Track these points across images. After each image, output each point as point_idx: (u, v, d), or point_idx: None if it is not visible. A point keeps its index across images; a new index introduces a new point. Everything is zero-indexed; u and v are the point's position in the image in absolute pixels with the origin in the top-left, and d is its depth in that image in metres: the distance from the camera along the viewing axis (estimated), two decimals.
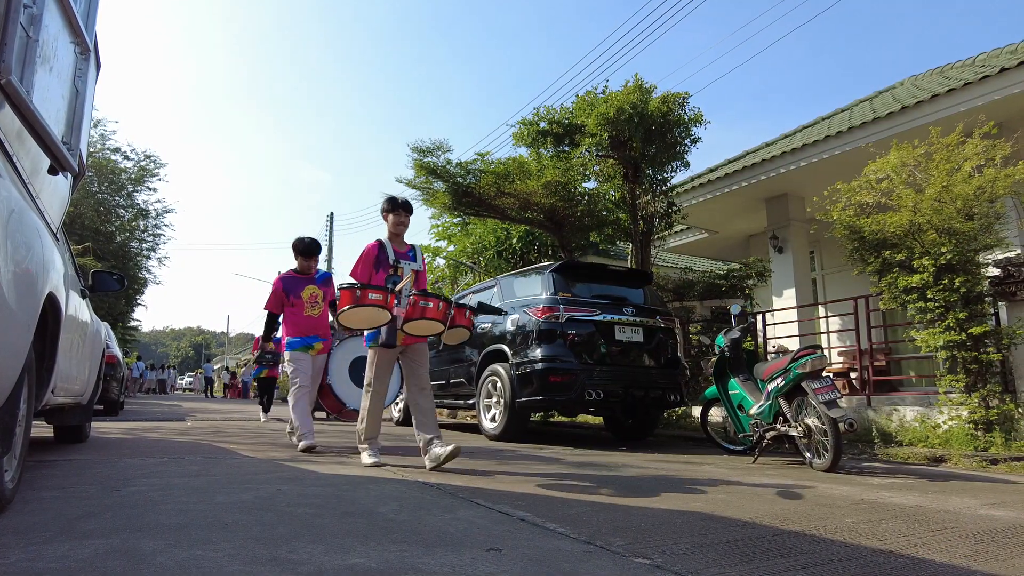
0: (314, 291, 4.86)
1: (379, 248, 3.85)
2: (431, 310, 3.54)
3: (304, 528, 1.98)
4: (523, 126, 9.28)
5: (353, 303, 3.32)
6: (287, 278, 4.87)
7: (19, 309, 1.80)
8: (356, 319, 3.44)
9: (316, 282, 4.91)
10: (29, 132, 1.80)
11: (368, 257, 3.81)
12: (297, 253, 4.93)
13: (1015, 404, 5.11)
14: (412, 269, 3.88)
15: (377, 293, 3.36)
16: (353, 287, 3.37)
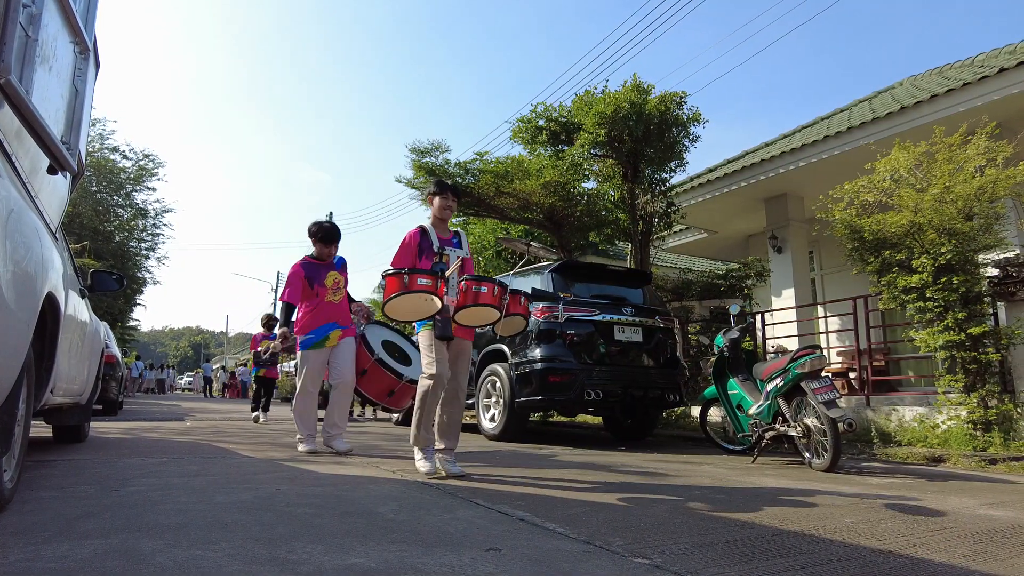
0: (336, 277, 4.57)
1: (421, 234, 3.53)
2: (485, 295, 3.24)
3: (303, 528, 1.98)
4: (521, 123, 9.27)
5: (400, 290, 3.03)
6: (308, 264, 4.52)
7: (18, 309, 1.79)
8: (403, 309, 3.15)
9: (336, 267, 4.62)
10: (28, 131, 1.80)
11: (410, 245, 3.51)
12: (315, 239, 4.59)
13: (1014, 404, 5.11)
14: (458, 256, 3.53)
15: (426, 278, 3.05)
16: (400, 273, 3.07)
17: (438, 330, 3.26)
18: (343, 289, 4.62)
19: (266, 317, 9.42)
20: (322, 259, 4.57)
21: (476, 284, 3.25)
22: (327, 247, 4.58)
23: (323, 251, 4.58)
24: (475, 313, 3.28)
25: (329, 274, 4.54)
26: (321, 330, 4.43)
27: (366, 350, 4.69)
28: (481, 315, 3.32)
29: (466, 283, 3.25)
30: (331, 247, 4.61)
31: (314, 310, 4.45)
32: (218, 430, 6.54)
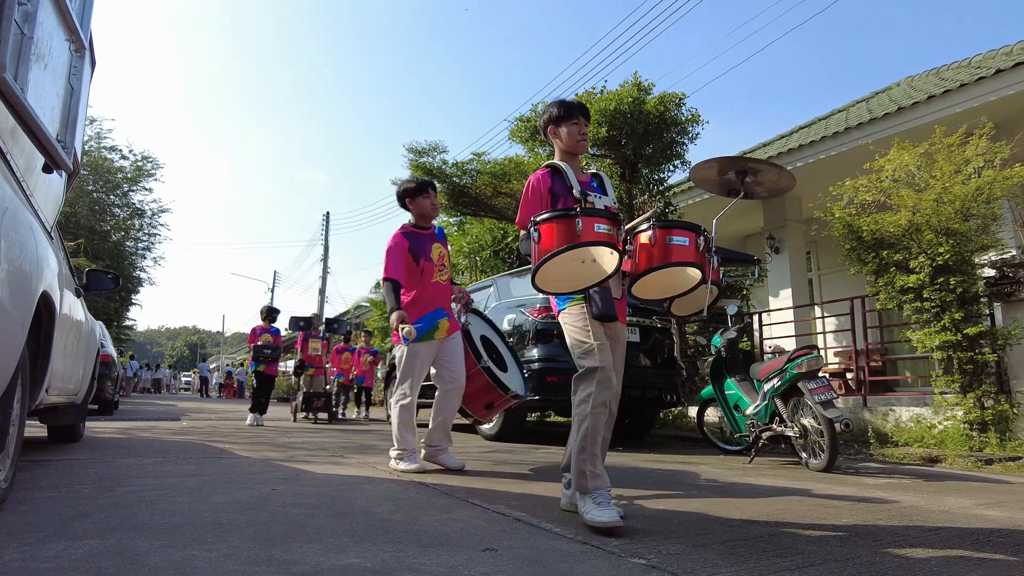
0: (441, 250, 3.75)
1: (552, 175, 2.46)
2: (684, 250, 2.23)
3: (299, 528, 1.97)
4: (520, 122, 9.27)
5: (567, 242, 2.05)
6: (412, 233, 3.65)
7: (13, 308, 1.78)
8: (563, 272, 2.18)
9: (439, 239, 3.79)
10: (23, 129, 1.79)
11: (538, 191, 2.43)
12: (412, 197, 3.66)
13: (1010, 404, 5.13)
14: (606, 205, 2.42)
15: (605, 223, 2.08)
16: (568, 215, 2.07)
17: (598, 307, 2.27)
18: (448, 267, 3.80)
19: (266, 309, 8.63)
20: (425, 227, 3.73)
21: (668, 233, 2.25)
22: (429, 199, 3.69)
23: (427, 208, 3.69)
24: (663, 280, 2.33)
25: (435, 246, 3.70)
26: (430, 317, 3.58)
27: (470, 351, 3.84)
28: (670, 282, 2.36)
29: (656, 233, 2.25)
30: (432, 197, 3.72)
31: (418, 292, 3.61)
32: (214, 430, 6.53)
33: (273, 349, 8.12)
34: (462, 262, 14.20)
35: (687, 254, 2.25)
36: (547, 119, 2.60)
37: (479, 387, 3.85)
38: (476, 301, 7.31)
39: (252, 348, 8.20)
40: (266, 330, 8.23)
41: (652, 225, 2.29)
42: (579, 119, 2.54)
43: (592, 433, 2.24)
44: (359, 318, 20.87)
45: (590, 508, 2.13)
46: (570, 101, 2.59)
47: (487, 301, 6.91)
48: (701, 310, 2.66)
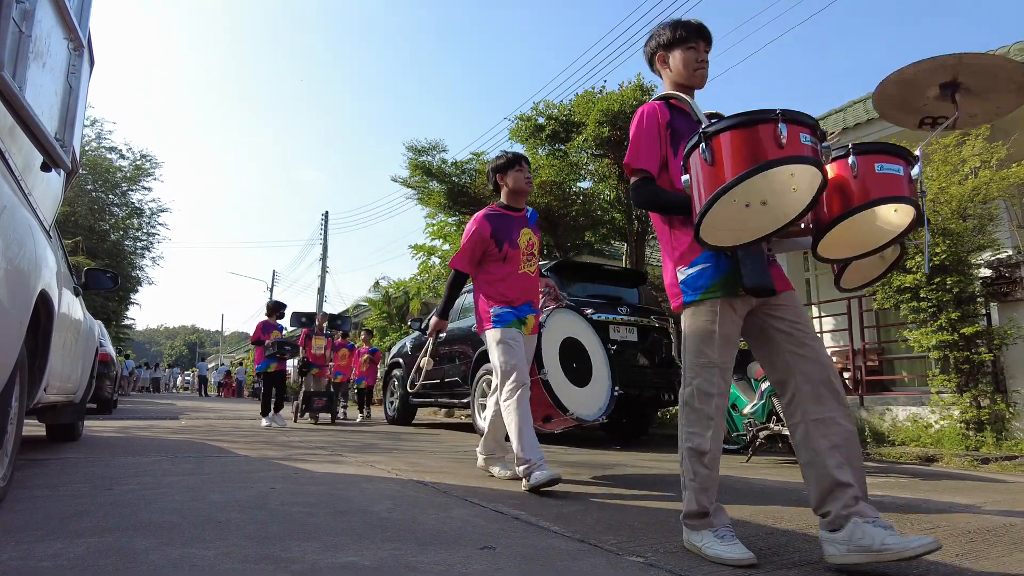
0: (531, 237, 3.25)
1: (671, 111, 1.97)
2: (897, 181, 1.67)
3: (298, 526, 1.97)
4: (521, 121, 9.27)
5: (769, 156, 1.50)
6: (497, 215, 3.18)
7: (11, 306, 1.79)
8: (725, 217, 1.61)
9: (531, 223, 3.30)
10: (21, 128, 1.79)
11: (654, 125, 1.93)
12: (503, 169, 3.22)
13: (1006, 404, 5.14)
14: None
15: (809, 132, 1.54)
16: (766, 116, 1.51)
17: (749, 276, 1.69)
18: (537, 256, 3.31)
19: (272, 304, 8.30)
20: (516, 208, 3.26)
21: (874, 159, 1.67)
22: (524, 172, 3.20)
23: (520, 184, 3.20)
24: (853, 232, 1.74)
25: (523, 232, 3.21)
26: (521, 310, 3.14)
27: (534, 359, 3.46)
28: (859, 235, 1.76)
29: (858, 161, 1.65)
30: (526, 171, 3.22)
31: (504, 285, 3.13)
32: (213, 429, 6.52)
33: (293, 346, 7.73)
34: None
35: (900, 187, 1.65)
36: (656, 44, 2.08)
37: (537, 397, 3.43)
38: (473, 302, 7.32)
39: (274, 344, 7.57)
40: (274, 326, 7.94)
41: (847, 149, 1.69)
42: (698, 43, 2.02)
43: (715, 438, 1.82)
44: (357, 318, 20.84)
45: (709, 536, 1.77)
46: (687, 21, 2.07)
47: None
48: (879, 277, 2.06)
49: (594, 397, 3.78)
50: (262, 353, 7.72)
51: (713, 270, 1.81)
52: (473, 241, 3.12)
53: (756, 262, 1.72)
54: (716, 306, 1.80)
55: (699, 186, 1.63)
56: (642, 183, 1.91)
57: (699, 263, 1.83)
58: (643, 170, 1.90)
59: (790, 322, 1.80)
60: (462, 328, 7.03)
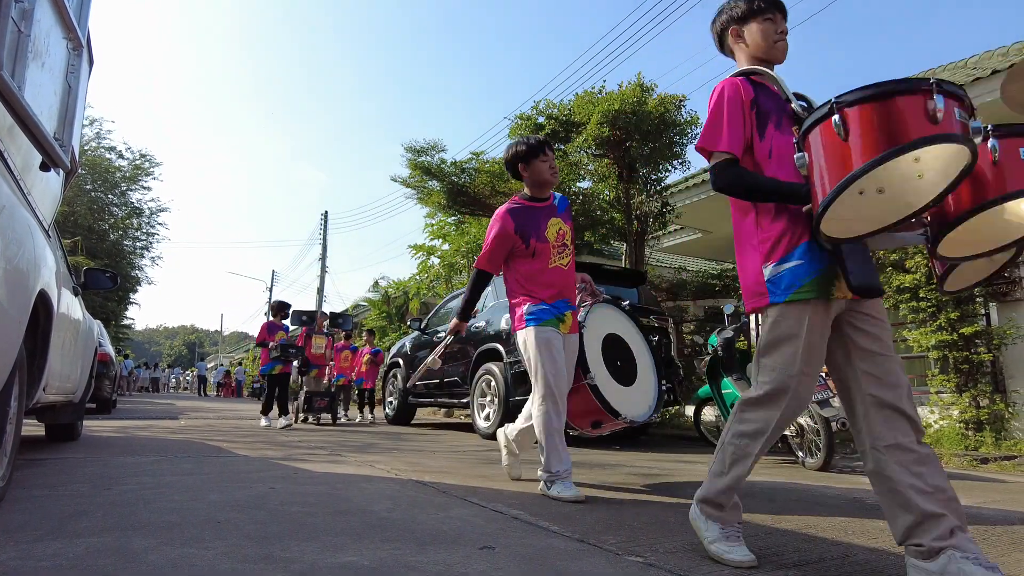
0: (561, 227, 2.98)
1: (755, 88, 1.76)
2: None
3: (297, 526, 1.97)
4: (521, 120, 9.25)
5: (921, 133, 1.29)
6: (520, 209, 2.93)
7: (10, 306, 1.79)
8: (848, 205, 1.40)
9: (559, 212, 3.02)
10: (20, 128, 1.79)
11: (737, 103, 1.74)
12: (524, 158, 2.93)
13: (1005, 404, 5.15)
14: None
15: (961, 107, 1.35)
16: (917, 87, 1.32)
17: (856, 274, 1.54)
18: (571, 247, 3.03)
19: (276, 304, 7.99)
20: (541, 198, 3.00)
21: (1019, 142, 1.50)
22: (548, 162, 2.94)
23: (544, 175, 2.94)
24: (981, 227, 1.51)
25: (551, 222, 2.95)
26: (557, 307, 2.88)
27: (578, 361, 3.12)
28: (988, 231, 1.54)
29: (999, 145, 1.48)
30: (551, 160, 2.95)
31: (534, 281, 2.89)
32: (212, 428, 6.52)
33: (297, 349, 7.50)
34: (460, 262, 14.22)
35: None
36: (728, 18, 1.89)
37: (585, 401, 3.22)
38: None
39: (277, 346, 7.33)
40: (279, 327, 7.69)
41: (986, 132, 1.48)
42: (775, 14, 1.82)
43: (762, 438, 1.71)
44: (357, 318, 20.83)
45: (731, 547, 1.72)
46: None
47: (485, 300, 6.92)
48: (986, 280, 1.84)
49: (642, 395, 3.53)
50: (267, 355, 7.45)
51: (807, 267, 1.61)
52: (496, 240, 2.89)
53: (863, 258, 1.56)
54: (806, 310, 1.61)
55: (824, 167, 1.40)
56: (725, 165, 1.72)
57: (792, 259, 1.63)
58: (725, 152, 1.72)
59: (872, 337, 1.63)
60: None
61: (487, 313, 6.62)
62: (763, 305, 1.71)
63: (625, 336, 3.62)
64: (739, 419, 1.74)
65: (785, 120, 1.73)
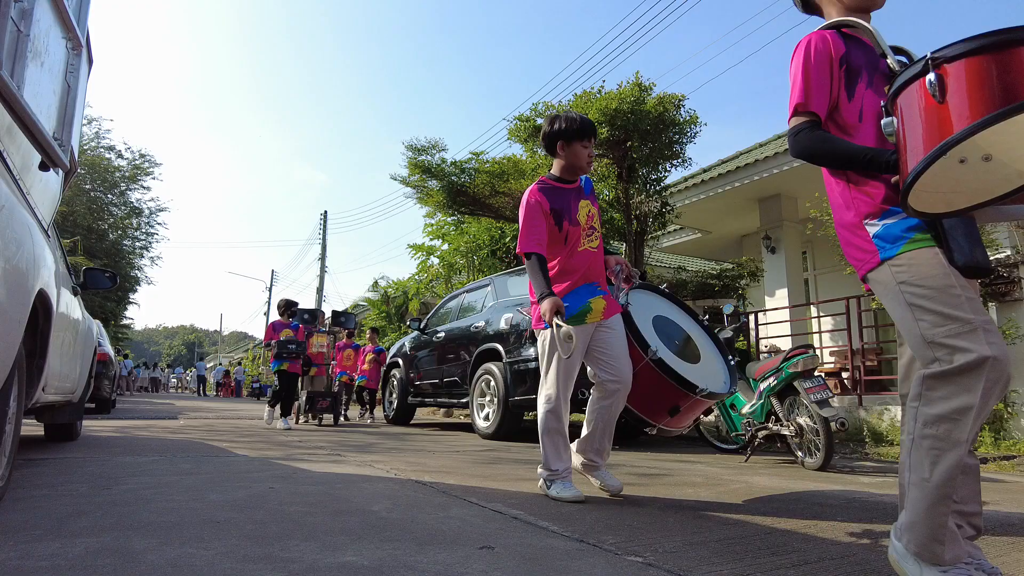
0: (590, 209, 2.85)
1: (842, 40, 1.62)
2: None
3: (296, 526, 1.97)
4: (520, 121, 9.25)
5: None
6: (552, 189, 2.78)
7: (9, 306, 1.78)
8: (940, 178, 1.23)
9: (586, 193, 2.88)
10: (20, 127, 1.79)
11: (825, 58, 1.59)
12: (567, 137, 2.75)
13: (1004, 404, 5.16)
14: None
15: None
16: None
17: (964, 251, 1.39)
18: (599, 230, 2.89)
19: (284, 302, 7.80)
20: (569, 180, 2.84)
21: None
22: (585, 143, 2.76)
23: (579, 156, 2.76)
24: None
25: (581, 204, 2.82)
26: (579, 295, 2.74)
27: (634, 340, 2.87)
28: None
29: None
30: (590, 143, 2.78)
31: (562, 264, 2.76)
32: (212, 428, 6.52)
33: (297, 344, 7.38)
34: (460, 261, 14.22)
35: None
36: None
37: (653, 386, 2.86)
38: (472, 301, 7.32)
39: (275, 344, 7.31)
40: (286, 325, 7.58)
41: None
42: None
43: (953, 473, 1.36)
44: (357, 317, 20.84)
45: None
46: None
47: (484, 300, 6.92)
48: None
49: (712, 371, 3.17)
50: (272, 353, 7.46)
51: (916, 222, 1.44)
52: (532, 215, 2.69)
53: (968, 232, 1.37)
54: (936, 253, 1.40)
55: (915, 133, 1.25)
56: (807, 128, 1.56)
57: (897, 212, 1.47)
58: (811, 112, 1.56)
59: None
60: (461, 327, 7.03)
61: (486, 313, 6.62)
62: (874, 264, 1.50)
63: (674, 318, 3.35)
64: (928, 401, 1.40)
65: (878, 78, 1.58)
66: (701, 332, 3.39)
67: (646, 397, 2.87)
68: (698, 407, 3.03)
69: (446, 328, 7.40)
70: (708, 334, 3.42)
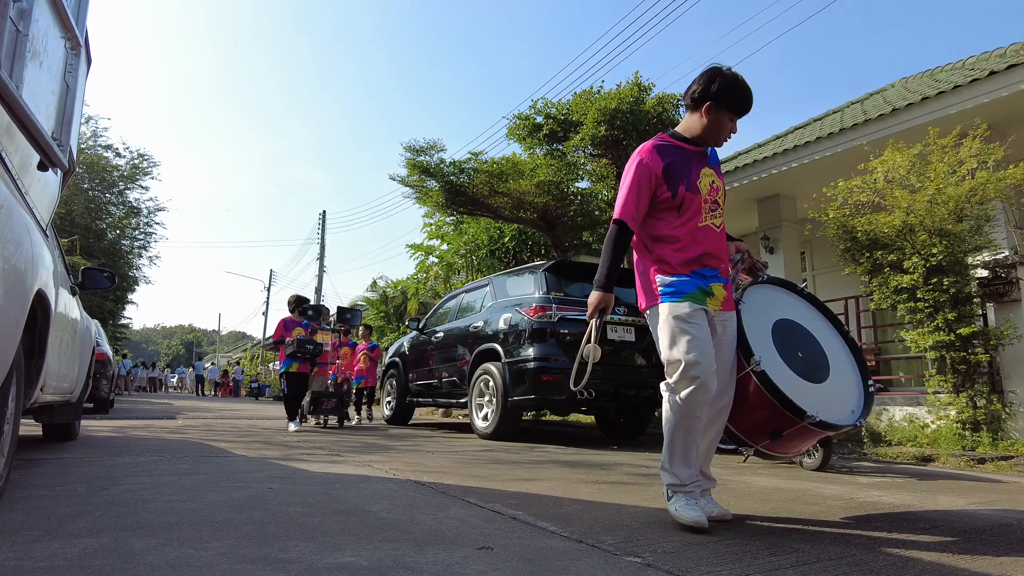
0: (715, 180, 2.38)
1: None
2: None
3: (295, 526, 1.97)
4: (519, 120, 9.22)
5: None
6: (668, 147, 2.33)
7: (7, 306, 1.78)
8: None
9: (712, 163, 2.43)
10: (18, 127, 1.79)
11: None
12: (717, 99, 2.27)
13: (1002, 404, 5.16)
14: None
15: None
16: None
17: None
18: (723, 204, 2.42)
19: (295, 299, 7.40)
20: (699, 140, 2.36)
21: None
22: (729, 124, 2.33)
23: (723, 131, 2.33)
24: None
25: (704, 172, 2.36)
26: (702, 277, 2.28)
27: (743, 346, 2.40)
28: None
29: None
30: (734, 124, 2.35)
31: (679, 241, 2.29)
32: (210, 428, 6.51)
33: (315, 345, 6.95)
34: (458, 261, 14.21)
35: None
36: None
37: (754, 402, 2.39)
38: (471, 301, 7.32)
39: (293, 342, 6.85)
40: (297, 323, 7.17)
41: None
42: None
43: None
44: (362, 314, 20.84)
45: None
46: None
47: (483, 300, 6.92)
48: None
49: (839, 395, 2.59)
50: (285, 352, 7.00)
51: None
52: (638, 178, 2.27)
53: None
54: None
55: None
56: None
57: None
58: None
59: None
60: (459, 327, 7.03)
61: (485, 313, 6.62)
62: None
63: (807, 324, 2.75)
64: None
65: None
66: (841, 346, 2.77)
67: (745, 413, 2.43)
68: (808, 436, 2.50)
69: (445, 328, 7.40)
70: (851, 350, 2.80)
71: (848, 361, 2.74)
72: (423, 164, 9.68)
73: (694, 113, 2.34)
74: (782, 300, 2.80)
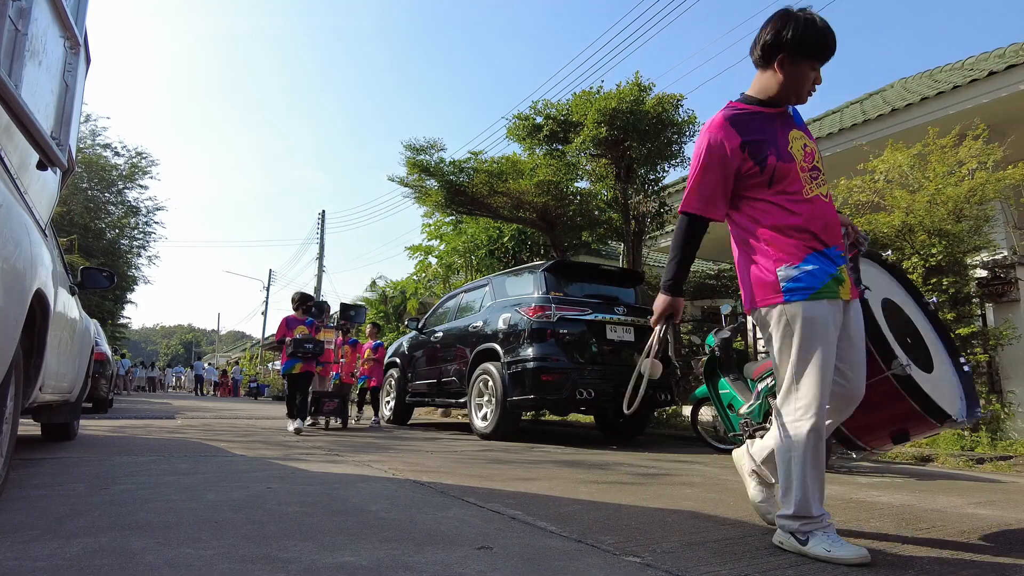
0: (807, 142, 2.04)
1: None
2: None
3: (294, 526, 1.97)
4: (518, 120, 9.20)
5: None
6: (744, 116, 2.00)
7: (6, 305, 1.78)
8: None
9: (797, 123, 2.08)
10: (17, 127, 1.79)
11: None
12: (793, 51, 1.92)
13: (1001, 404, 5.17)
14: None
15: None
16: None
17: None
18: (824, 172, 2.06)
19: (298, 296, 7.13)
20: (779, 101, 2.01)
21: None
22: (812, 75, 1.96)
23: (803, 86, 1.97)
24: None
25: (792, 135, 2.02)
26: (828, 260, 1.91)
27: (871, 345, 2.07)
28: None
29: None
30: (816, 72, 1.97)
31: (791, 215, 1.92)
32: (209, 428, 6.51)
33: (315, 344, 6.71)
34: (458, 261, 14.21)
35: None
36: None
37: (886, 404, 2.13)
38: (470, 301, 7.32)
39: (291, 342, 6.60)
40: (300, 321, 6.90)
41: None
42: None
43: None
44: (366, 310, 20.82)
45: None
46: None
47: (482, 300, 6.92)
48: None
49: (946, 382, 2.34)
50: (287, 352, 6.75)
51: None
52: (711, 160, 1.96)
53: None
54: None
55: None
56: None
57: None
58: None
59: None
60: (459, 327, 7.03)
61: (484, 313, 6.62)
62: None
63: (900, 302, 2.45)
64: None
65: None
66: (928, 325, 2.46)
67: (870, 415, 2.15)
68: (928, 431, 2.26)
69: (444, 328, 7.40)
70: (936, 327, 2.49)
71: (939, 344, 2.46)
72: (423, 163, 9.67)
73: (766, 70, 2.01)
74: (878, 277, 2.45)
